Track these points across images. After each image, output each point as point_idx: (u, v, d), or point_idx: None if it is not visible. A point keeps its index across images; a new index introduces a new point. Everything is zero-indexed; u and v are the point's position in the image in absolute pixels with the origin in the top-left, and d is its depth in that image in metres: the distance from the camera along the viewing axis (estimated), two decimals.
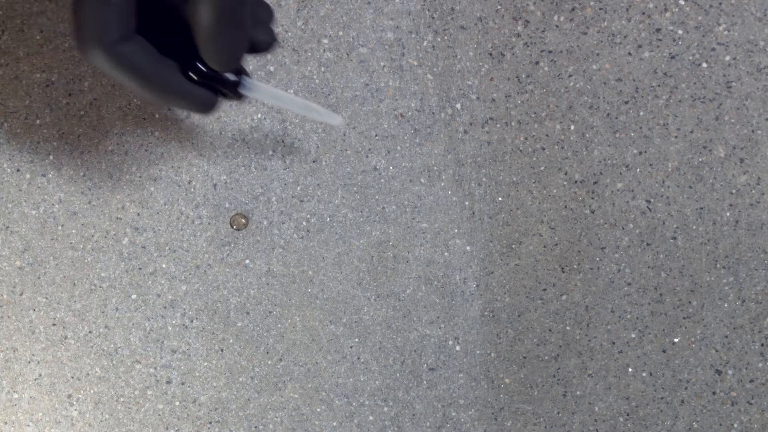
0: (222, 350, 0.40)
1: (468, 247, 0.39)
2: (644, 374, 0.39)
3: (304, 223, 0.39)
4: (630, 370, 0.39)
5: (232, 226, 0.38)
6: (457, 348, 0.40)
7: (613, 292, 0.39)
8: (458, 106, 0.38)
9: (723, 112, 0.37)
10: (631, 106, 0.37)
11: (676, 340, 0.39)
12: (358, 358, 0.40)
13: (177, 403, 0.41)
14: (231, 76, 0.30)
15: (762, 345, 0.39)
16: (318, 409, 0.40)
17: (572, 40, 0.37)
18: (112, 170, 0.39)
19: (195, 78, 0.30)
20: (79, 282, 0.40)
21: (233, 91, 0.31)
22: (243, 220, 0.38)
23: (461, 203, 0.39)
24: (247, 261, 0.39)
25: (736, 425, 0.40)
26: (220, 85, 0.30)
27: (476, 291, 0.39)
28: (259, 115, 0.38)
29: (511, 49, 0.37)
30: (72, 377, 0.41)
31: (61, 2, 0.37)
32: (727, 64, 0.37)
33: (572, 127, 0.38)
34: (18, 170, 0.39)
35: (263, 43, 0.31)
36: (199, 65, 0.29)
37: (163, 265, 0.40)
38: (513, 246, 0.39)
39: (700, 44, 0.37)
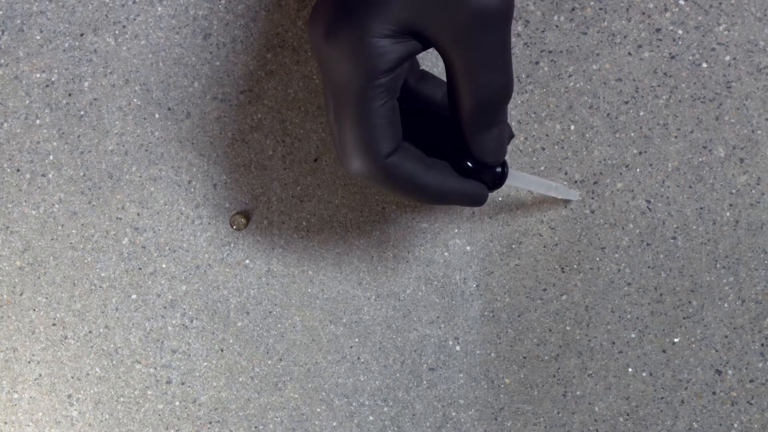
0: (222, 350, 0.40)
1: (468, 247, 0.39)
2: (644, 374, 0.39)
3: (304, 223, 0.39)
4: (630, 370, 0.39)
5: (232, 226, 0.38)
6: (457, 348, 0.40)
7: (613, 292, 0.39)
8: None
9: (723, 112, 0.37)
10: (631, 106, 0.37)
11: (676, 340, 0.39)
12: (358, 358, 0.40)
13: (177, 403, 0.41)
14: (497, 168, 0.31)
15: (762, 345, 0.39)
16: (318, 409, 0.40)
17: (572, 40, 0.37)
18: (112, 170, 0.39)
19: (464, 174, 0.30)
20: (79, 282, 0.40)
21: (499, 182, 0.31)
22: (243, 220, 0.38)
23: None
24: (247, 261, 0.40)
25: (736, 425, 0.40)
26: (488, 178, 0.30)
27: (476, 291, 0.39)
28: (259, 116, 0.38)
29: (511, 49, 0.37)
30: (72, 377, 0.41)
31: (61, 2, 0.37)
32: (727, 64, 0.37)
33: (572, 127, 0.38)
34: (18, 170, 0.39)
35: (509, 136, 0.32)
36: (468, 162, 0.29)
37: (163, 265, 0.40)
38: (513, 246, 0.39)
39: (700, 44, 0.37)
